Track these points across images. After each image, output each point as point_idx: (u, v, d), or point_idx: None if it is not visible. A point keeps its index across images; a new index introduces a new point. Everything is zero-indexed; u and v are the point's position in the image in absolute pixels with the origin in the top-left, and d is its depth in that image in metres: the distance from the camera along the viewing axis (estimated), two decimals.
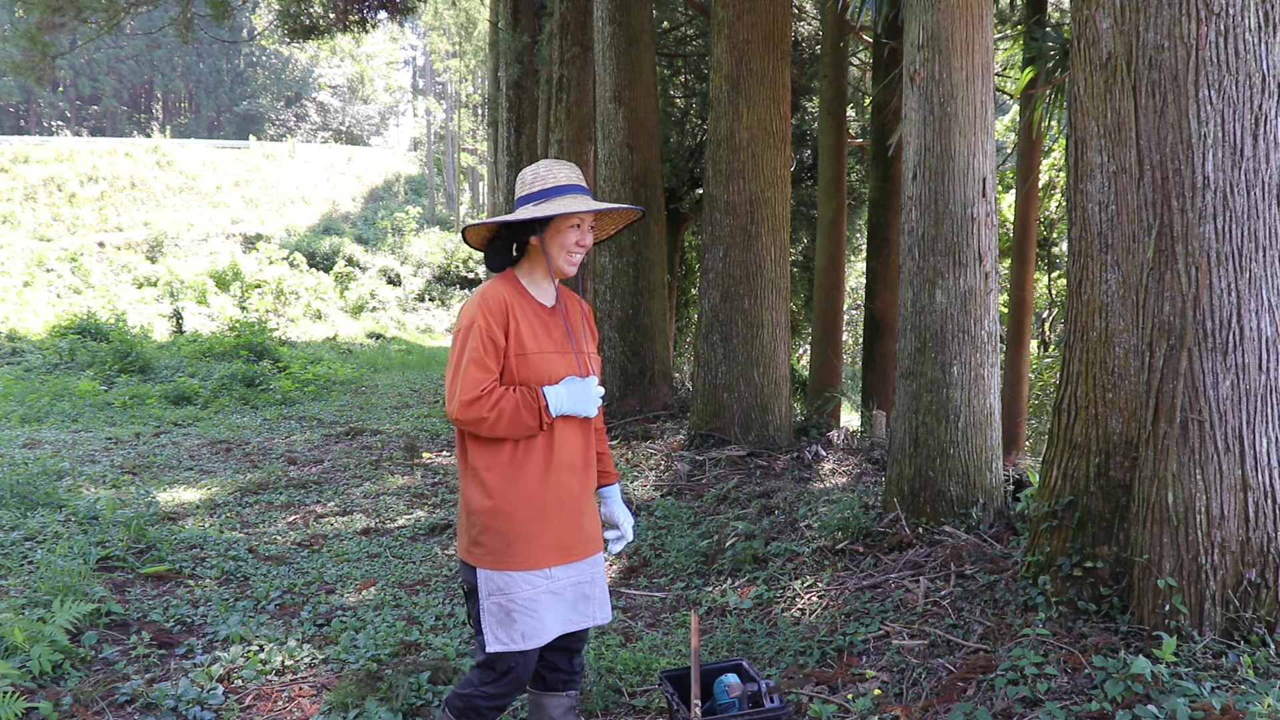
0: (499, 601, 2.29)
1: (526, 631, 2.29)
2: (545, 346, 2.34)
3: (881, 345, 9.60)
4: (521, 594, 2.29)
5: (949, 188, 4.20)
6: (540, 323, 2.37)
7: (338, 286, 28.64)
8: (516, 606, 2.29)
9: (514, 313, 2.31)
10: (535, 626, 2.30)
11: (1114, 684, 2.56)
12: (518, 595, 2.29)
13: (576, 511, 2.37)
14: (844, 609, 3.72)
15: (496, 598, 2.30)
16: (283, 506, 6.31)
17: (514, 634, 2.29)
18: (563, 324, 2.42)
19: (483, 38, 33.78)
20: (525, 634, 2.29)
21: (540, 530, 2.31)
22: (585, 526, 2.41)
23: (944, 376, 4.23)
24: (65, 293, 21.94)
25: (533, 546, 2.30)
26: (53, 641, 3.39)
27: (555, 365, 2.33)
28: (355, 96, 66.07)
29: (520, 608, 2.29)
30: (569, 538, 2.36)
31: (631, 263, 8.22)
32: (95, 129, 53.29)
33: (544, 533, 2.31)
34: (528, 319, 2.34)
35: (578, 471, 2.38)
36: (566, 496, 2.35)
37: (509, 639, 2.29)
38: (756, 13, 6.62)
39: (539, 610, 2.31)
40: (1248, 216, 2.71)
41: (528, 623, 2.29)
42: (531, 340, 2.32)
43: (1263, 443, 2.73)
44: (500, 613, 2.29)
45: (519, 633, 2.29)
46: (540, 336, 2.34)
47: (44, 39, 11.01)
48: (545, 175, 2.39)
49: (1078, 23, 3.10)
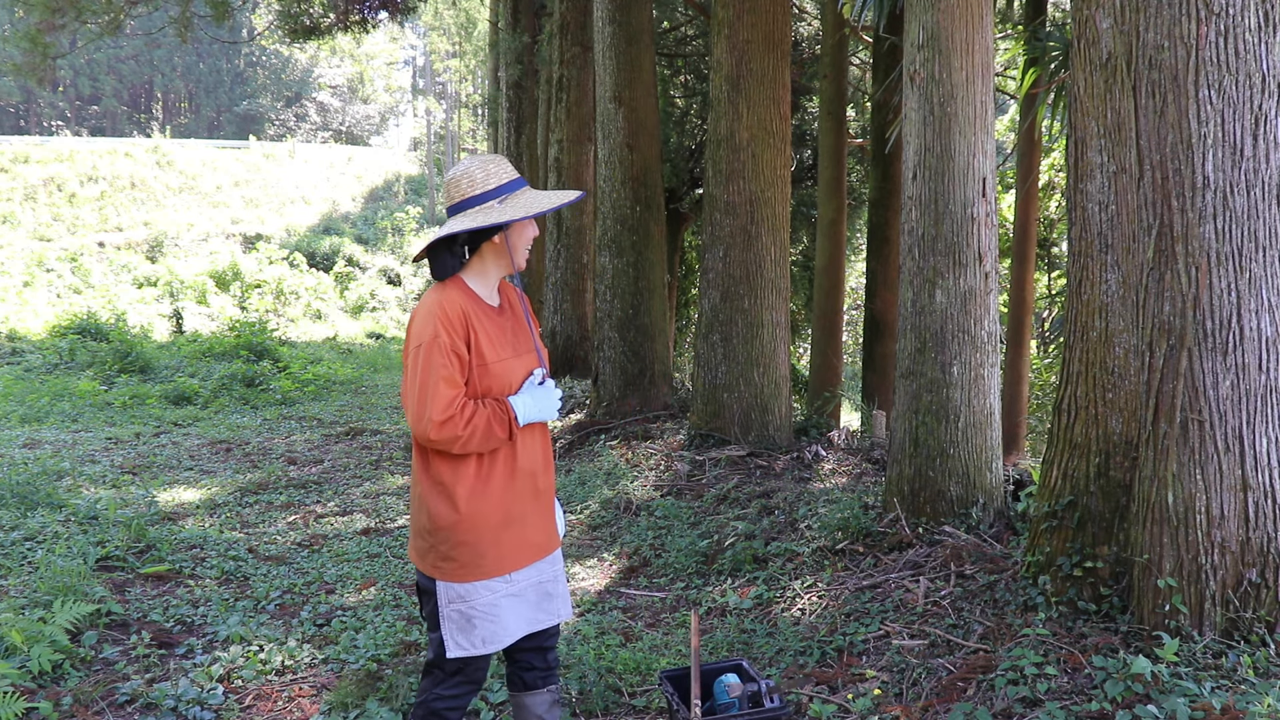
0: (460, 609, 2.27)
1: (487, 637, 2.28)
2: (504, 352, 2.29)
3: (881, 345, 9.59)
4: (482, 600, 2.27)
5: (949, 188, 4.20)
6: (495, 325, 2.31)
7: (338, 286, 28.65)
8: (477, 613, 2.27)
9: (472, 322, 2.25)
10: (496, 631, 2.28)
11: (1114, 684, 2.56)
12: (478, 602, 2.27)
13: (537, 514, 2.36)
14: (844, 609, 3.72)
15: (457, 605, 2.27)
16: (283, 506, 6.31)
17: (474, 639, 2.27)
18: (512, 322, 2.38)
19: (483, 38, 33.78)
20: (485, 639, 2.28)
21: (509, 537, 2.29)
22: (545, 524, 2.40)
23: (944, 376, 4.23)
24: (65, 293, 21.95)
25: (502, 554, 2.28)
26: (53, 641, 3.39)
27: (514, 370, 2.30)
28: (355, 96, 66.05)
29: (481, 614, 2.27)
30: (535, 539, 2.35)
31: (631, 263, 8.22)
32: (95, 129, 53.28)
33: (513, 539, 2.29)
34: (484, 326, 2.28)
35: (540, 473, 2.37)
36: (531, 499, 2.34)
37: (469, 644, 2.27)
38: (756, 13, 6.61)
39: (499, 615, 2.29)
40: (1248, 216, 2.71)
41: (488, 628, 2.27)
42: (490, 348, 2.27)
43: (1263, 443, 2.73)
44: (461, 619, 2.27)
45: (479, 638, 2.27)
46: (498, 342, 2.29)
47: (44, 40, 11.00)
48: (495, 171, 2.32)
49: (1078, 23, 3.10)
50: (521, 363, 2.32)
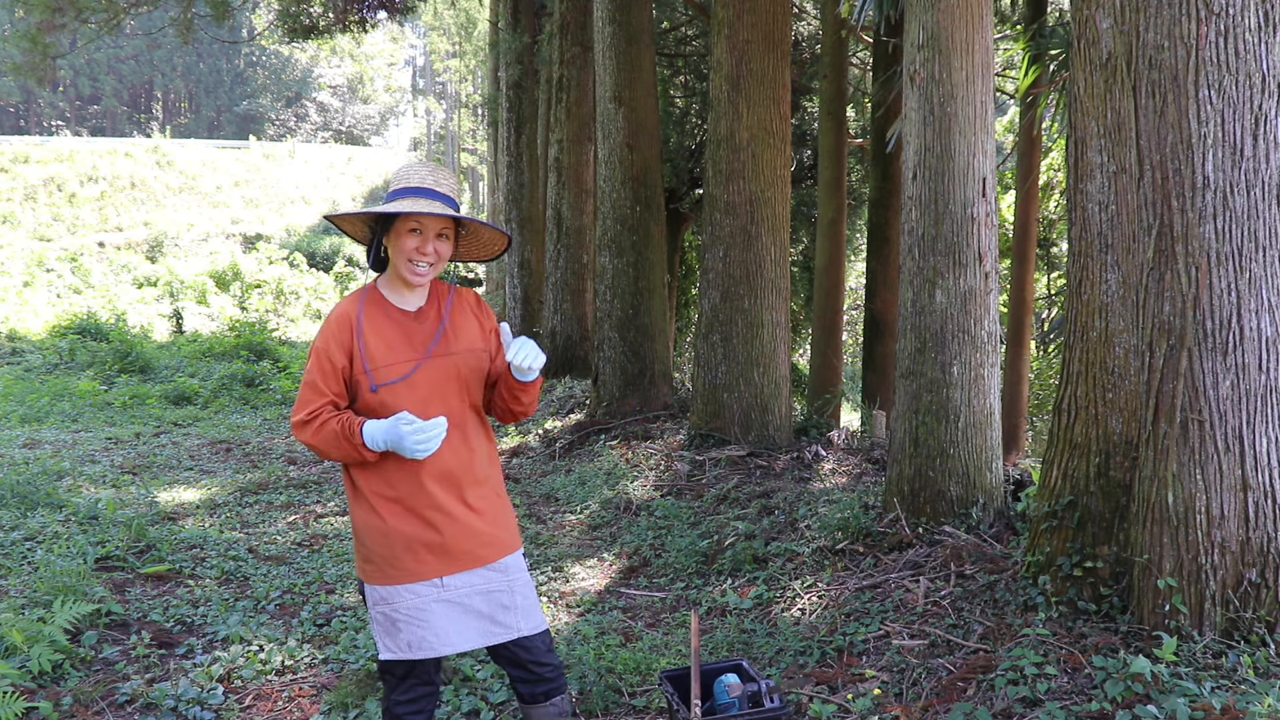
0: (384, 611, 2.25)
1: (413, 641, 2.24)
2: (401, 355, 2.22)
3: (881, 345, 9.60)
4: (405, 604, 2.24)
5: (949, 188, 4.20)
6: (399, 330, 2.26)
7: (338, 286, 28.64)
8: (401, 616, 2.24)
9: (360, 327, 2.22)
10: (423, 636, 2.24)
11: (1114, 684, 2.56)
12: (401, 605, 2.24)
13: (458, 520, 2.26)
14: (844, 609, 3.72)
15: (381, 607, 2.26)
16: (283, 506, 6.31)
17: (400, 643, 2.24)
18: (429, 327, 2.29)
19: (483, 38, 33.78)
20: (411, 643, 2.24)
21: (421, 542, 2.23)
22: (478, 532, 2.28)
23: (944, 376, 4.23)
24: (65, 293, 21.95)
25: (417, 558, 2.23)
26: (53, 641, 3.39)
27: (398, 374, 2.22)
28: (355, 96, 66.07)
29: (405, 618, 2.24)
30: (457, 545, 2.26)
31: (631, 263, 8.22)
32: (95, 129, 53.29)
33: (425, 544, 2.23)
34: (380, 329, 2.24)
35: (453, 481, 2.26)
36: (443, 506, 2.24)
37: (396, 648, 2.25)
38: (756, 13, 6.61)
39: (428, 619, 2.24)
40: (1248, 216, 2.71)
41: (414, 632, 2.24)
42: (384, 351, 2.22)
43: (1263, 443, 2.73)
44: (386, 622, 2.25)
45: (405, 642, 2.24)
46: (396, 345, 2.23)
47: (44, 40, 11.01)
48: (403, 175, 2.29)
49: (1078, 23, 3.10)
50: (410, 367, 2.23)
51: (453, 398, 2.28)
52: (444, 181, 2.28)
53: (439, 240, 2.25)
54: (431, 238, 2.24)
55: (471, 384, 2.32)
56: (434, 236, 2.24)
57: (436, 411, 2.22)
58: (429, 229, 2.23)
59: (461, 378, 2.29)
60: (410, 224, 2.23)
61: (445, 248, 2.27)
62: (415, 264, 2.24)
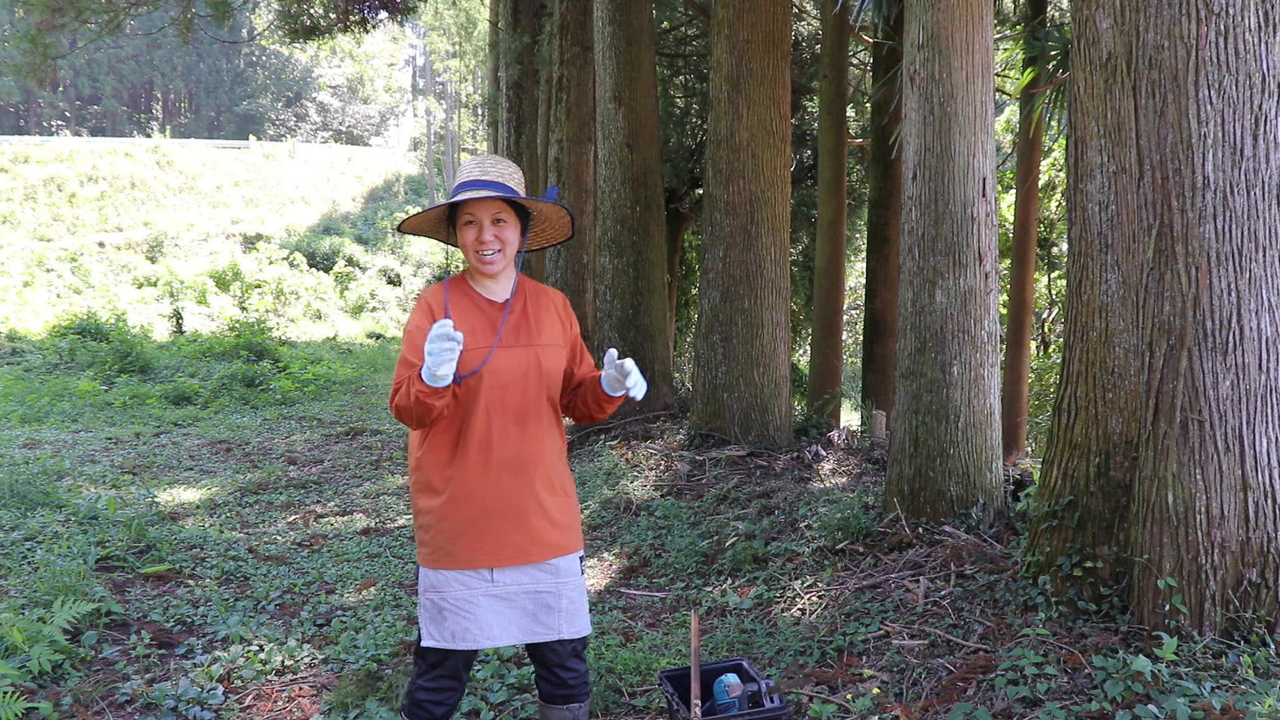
0: (432, 598, 2.29)
1: (457, 631, 2.27)
2: (480, 341, 2.27)
3: (881, 345, 9.59)
4: (454, 594, 2.27)
5: (949, 188, 4.20)
6: (482, 317, 2.31)
7: (338, 286, 28.66)
8: (449, 605, 2.27)
9: (443, 311, 2.28)
10: (468, 628, 2.26)
11: (1114, 684, 2.56)
12: (450, 594, 2.27)
13: (519, 512, 2.28)
14: (844, 609, 3.72)
15: (430, 594, 2.29)
16: (283, 506, 6.31)
17: (444, 631, 2.27)
18: (511, 318, 2.33)
19: (483, 38, 33.77)
20: (455, 634, 2.27)
21: (478, 531, 2.26)
22: (535, 529, 2.29)
23: (944, 376, 4.23)
24: (65, 293, 21.95)
25: (472, 547, 2.26)
26: (52, 642, 3.39)
27: (476, 360, 2.25)
28: (355, 97, 66.05)
29: (452, 607, 2.27)
30: (512, 539, 2.27)
31: (631, 263, 8.22)
32: (95, 129, 53.28)
33: (482, 533, 2.26)
34: (466, 314, 2.30)
35: (519, 472, 2.28)
36: (506, 497, 2.27)
37: (440, 636, 2.28)
38: (756, 13, 6.61)
39: (475, 612, 2.27)
40: (1248, 216, 2.71)
41: (459, 623, 2.26)
42: (468, 336, 2.25)
43: (1263, 443, 2.73)
44: (433, 609, 2.28)
45: (449, 631, 2.27)
46: (479, 330, 2.29)
47: (44, 40, 11.00)
48: (458, 175, 2.34)
49: (1078, 23, 3.10)
50: (482, 355, 2.26)
51: (530, 387, 2.30)
52: (492, 169, 2.30)
53: (497, 226, 2.28)
54: (488, 224, 2.27)
55: (550, 378, 2.34)
56: (490, 223, 2.27)
57: (513, 397, 2.27)
58: (482, 217, 2.27)
59: (541, 370, 2.32)
60: (465, 217, 2.28)
61: (508, 232, 2.30)
62: (481, 254, 2.28)
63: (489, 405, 2.25)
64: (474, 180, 2.28)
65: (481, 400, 2.25)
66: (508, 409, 2.27)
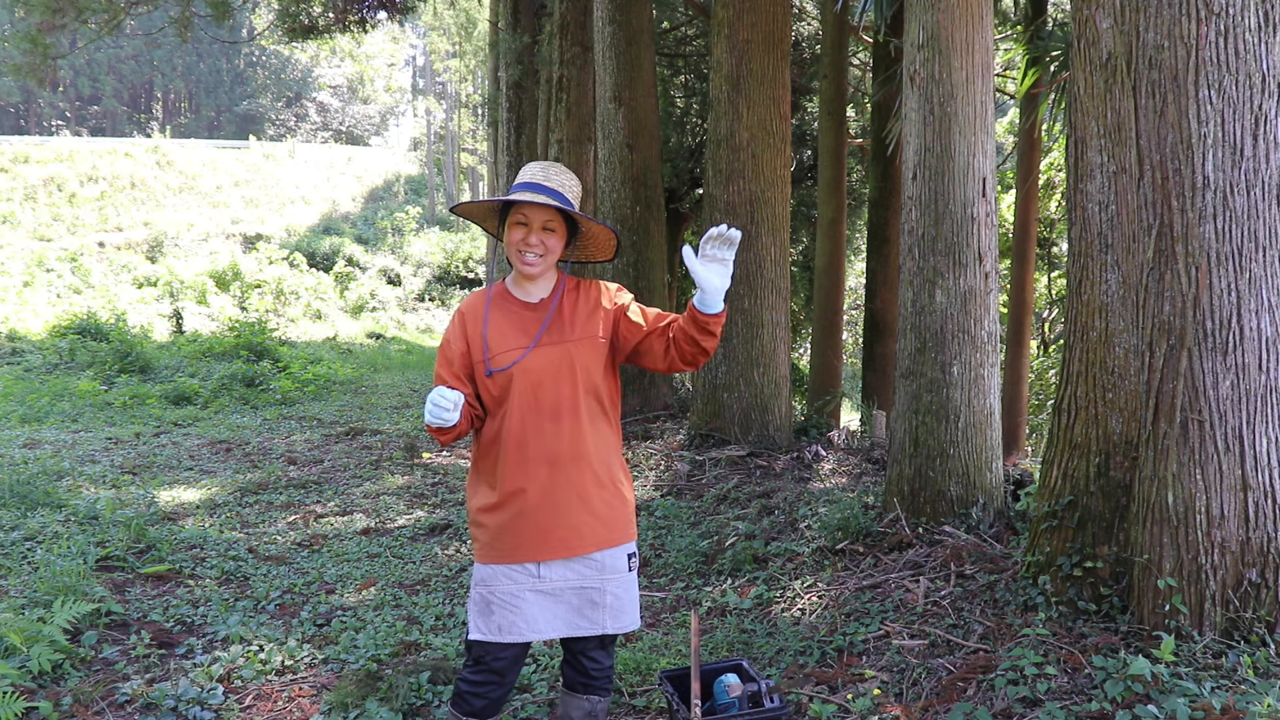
0: (481, 592, 2.34)
1: (504, 625, 2.31)
2: (511, 344, 2.31)
3: (881, 345, 9.60)
4: (502, 588, 2.32)
5: (949, 188, 4.20)
6: (516, 320, 2.35)
7: (338, 286, 28.65)
8: (496, 599, 2.32)
9: (478, 319, 2.34)
10: (515, 622, 2.31)
11: (1114, 684, 2.56)
12: (498, 589, 2.32)
13: (558, 507, 2.30)
14: (844, 609, 3.71)
15: (479, 588, 2.35)
16: (283, 506, 6.31)
17: (491, 625, 2.32)
18: (543, 317, 2.34)
19: (483, 38, 33.77)
20: (502, 627, 2.31)
21: (521, 526, 2.30)
22: (577, 523, 2.31)
23: (944, 376, 4.23)
24: (65, 293, 21.95)
25: (516, 542, 2.31)
26: (52, 642, 3.39)
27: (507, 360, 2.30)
28: (355, 96, 66.06)
29: (500, 601, 2.31)
30: (555, 534, 2.30)
31: (631, 263, 8.22)
32: (95, 129, 53.29)
33: (525, 529, 2.30)
34: (498, 321, 2.34)
35: (558, 467, 2.29)
36: (545, 492, 2.29)
37: (486, 629, 2.32)
38: (756, 13, 6.62)
39: (522, 607, 2.31)
40: (1248, 216, 2.71)
41: (506, 617, 2.31)
42: (498, 340, 2.31)
43: (1263, 443, 2.73)
44: (481, 603, 2.34)
45: (495, 625, 2.32)
46: (509, 334, 2.32)
47: (44, 40, 11.00)
48: (520, 175, 2.38)
49: (1078, 23, 3.10)
50: (515, 355, 2.30)
51: (565, 384, 2.32)
52: (554, 178, 2.34)
53: (545, 233, 2.32)
54: (537, 229, 2.31)
55: (588, 371, 2.35)
56: (539, 229, 2.31)
57: (547, 395, 2.30)
58: (534, 221, 2.31)
59: (575, 365, 2.33)
60: (517, 217, 2.31)
61: (553, 241, 2.33)
62: (524, 255, 2.31)
63: (522, 404, 2.30)
64: (535, 183, 2.32)
65: (514, 400, 2.30)
66: (541, 407, 2.30)
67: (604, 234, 2.47)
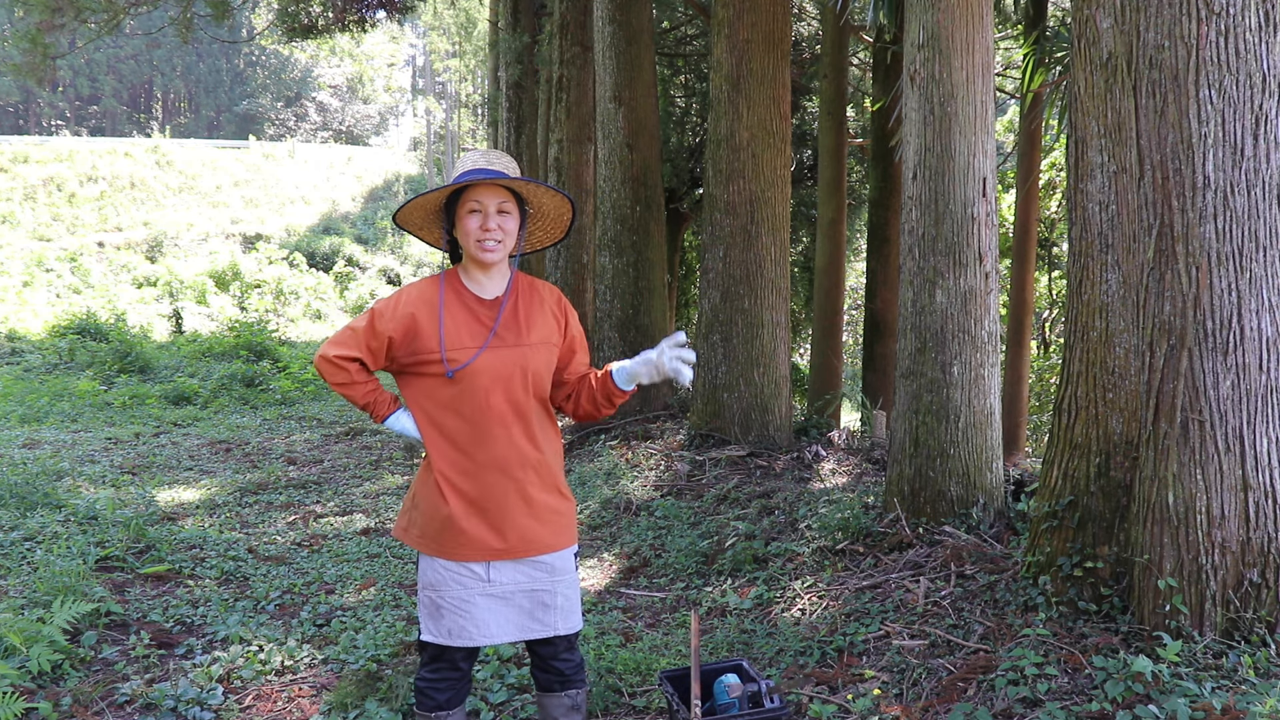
0: (430, 595, 2.33)
1: (454, 629, 2.30)
2: (465, 341, 2.26)
3: (881, 345, 9.59)
4: (452, 593, 2.30)
5: (949, 188, 4.20)
6: (470, 315, 2.30)
7: (338, 286, 28.64)
8: (446, 604, 2.30)
9: (432, 310, 2.27)
10: (465, 626, 2.29)
11: (1114, 684, 2.56)
12: (447, 594, 2.30)
13: (505, 510, 2.28)
14: (844, 609, 3.71)
15: (428, 591, 2.33)
16: (283, 506, 6.31)
17: (441, 629, 2.31)
18: (494, 315, 2.31)
19: (483, 38, 33.76)
20: (452, 631, 2.30)
21: (466, 526, 2.27)
22: (522, 529, 2.30)
23: (944, 376, 4.23)
24: (65, 293, 21.94)
25: (460, 540, 2.27)
26: (52, 642, 3.38)
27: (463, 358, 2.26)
28: (355, 96, 66.04)
29: (450, 605, 2.30)
30: (505, 538, 2.29)
31: (631, 263, 8.21)
32: (95, 129, 53.28)
33: (467, 528, 2.27)
34: (454, 314, 2.28)
35: (507, 471, 2.28)
36: (493, 495, 2.27)
37: (438, 632, 2.32)
38: (756, 13, 6.61)
39: (472, 611, 2.29)
40: (1248, 216, 2.71)
41: (457, 621, 2.29)
42: (453, 335, 2.25)
43: (1263, 443, 2.73)
44: (431, 606, 2.32)
45: (445, 629, 2.31)
46: (463, 330, 2.27)
47: (44, 40, 11.00)
48: (459, 165, 2.33)
49: (1078, 22, 3.10)
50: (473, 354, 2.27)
51: (516, 388, 2.29)
52: (496, 161, 2.32)
53: (501, 216, 2.28)
54: (493, 213, 2.27)
55: (539, 377, 2.33)
56: (495, 212, 2.27)
57: (498, 399, 2.26)
58: (488, 205, 2.27)
59: (528, 370, 2.30)
60: (469, 205, 2.27)
61: (509, 223, 2.30)
62: (484, 242, 2.27)
63: (475, 406, 2.26)
64: (479, 169, 2.28)
65: (468, 401, 2.26)
66: (493, 410, 2.26)
67: (555, 207, 2.43)
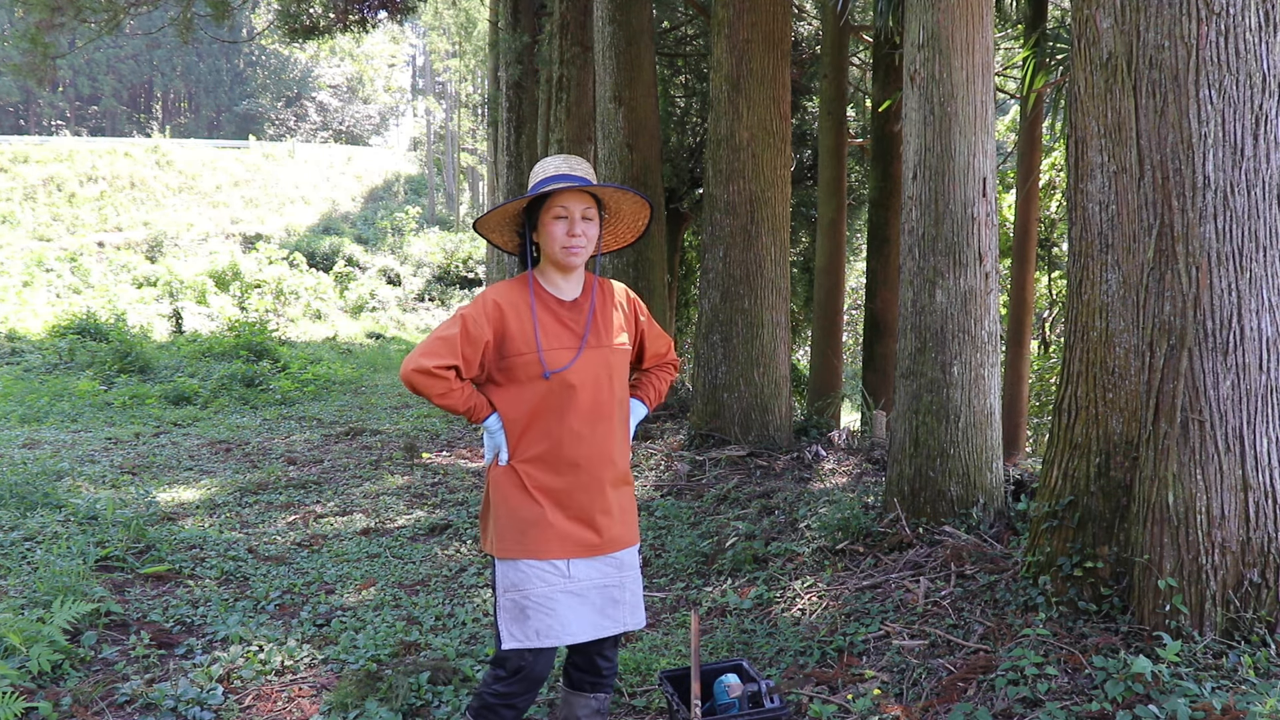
0: (513, 598, 2.29)
1: (541, 629, 2.27)
2: (555, 344, 2.30)
3: (881, 345, 9.60)
4: (536, 591, 2.28)
5: (949, 188, 4.20)
6: (557, 318, 2.34)
7: (337, 286, 28.65)
8: (531, 603, 2.27)
9: (513, 314, 2.29)
10: (551, 625, 2.27)
11: (1114, 684, 2.56)
12: (532, 592, 2.28)
13: (585, 508, 2.33)
14: (844, 609, 3.71)
15: (511, 594, 2.29)
16: (283, 506, 6.31)
17: (528, 631, 2.27)
18: (583, 319, 2.36)
19: (483, 38, 33.75)
20: (540, 631, 2.27)
21: (551, 522, 2.29)
22: (601, 525, 2.35)
23: (944, 376, 4.23)
24: (65, 293, 21.94)
25: (545, 537, 2.29)
26: (52, 642, 3.38)
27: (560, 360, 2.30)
28: (355, 96, 66.04)
29: (535, 604, 2.27)
30: (582, 533, 2.33)
31: (631, 263, 8.22)
32: (95, 129, 53.29)
33: (554, 524, 2.30)
34: (544, 317, 2.32)
35: (589, 470, 2.33)
36: (575, 493, 2.31)
37: (523, 636, 2.27)
38: (756, 13, 6.61)
39: (556, 609, 2.28)
40: (1248, 216, 2.71)
41: (544, 620, 2.27)
42: (546, 339, 2.30)
43: (1263, 443, 2.73)
44: (515, 609, 2.28)
45: (533, 630, 2.27)
46: (554, 333, 2.31)
47: (44, 40, 11.00)
48: (539, 170, 2.36)
49: (1078, 22, 3.10)
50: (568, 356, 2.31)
51: (605, 388, 2.35)
52: (579, 167, 2.35)
53: (585, 222, 2.31)
54: (578, 219, 2.30)
55: (622, 376, 2.40)
56: (580, 218, 2.30)
57: (586, 398, 2.31)
58: (574, 211, 2.29)
59: (613, 370, 2.36)
60: (555, 211, 2.29)
61: (592, 229, 2.34)
62: (570, 247, 2.29)
63: (566, 406, 2.30)
64: (562, 175, 2.31)
65: (558, 401, 2.30)
66: (581, 410, 2.31)
67: (632, 211, 2.48)
